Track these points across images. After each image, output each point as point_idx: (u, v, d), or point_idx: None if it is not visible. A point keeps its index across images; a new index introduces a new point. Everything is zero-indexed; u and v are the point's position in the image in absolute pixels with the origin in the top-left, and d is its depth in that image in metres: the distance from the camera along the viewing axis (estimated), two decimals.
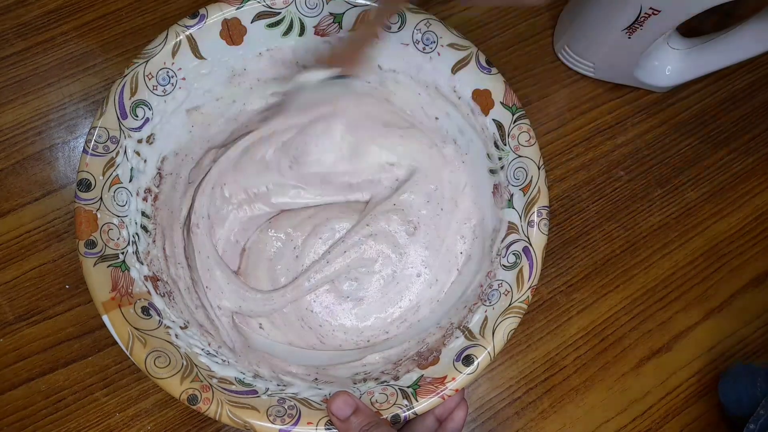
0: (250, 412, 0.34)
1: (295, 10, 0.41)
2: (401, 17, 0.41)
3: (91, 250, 0.36)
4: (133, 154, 0.39)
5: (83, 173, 0.37)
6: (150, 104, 0.40)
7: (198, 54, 0.40)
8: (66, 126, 0.49)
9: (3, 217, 0.47)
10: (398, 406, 0.34)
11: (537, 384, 0.46)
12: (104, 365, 0.44)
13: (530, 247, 0.37)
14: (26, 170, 0.48)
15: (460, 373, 0.35)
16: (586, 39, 0.49)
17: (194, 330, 0.38)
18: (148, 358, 0.34)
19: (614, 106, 0.53)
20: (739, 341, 0.48)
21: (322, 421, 0.33)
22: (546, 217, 0.38)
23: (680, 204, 0.51)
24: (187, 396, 0.33)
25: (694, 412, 0.46)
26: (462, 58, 0.40)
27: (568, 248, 0.49)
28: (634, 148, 0.52)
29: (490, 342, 0.36)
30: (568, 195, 0.50)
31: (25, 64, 0.50)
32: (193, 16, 0.40)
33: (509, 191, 0.40)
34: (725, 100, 0.54)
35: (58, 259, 0.46)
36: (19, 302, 0.45)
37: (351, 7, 0.41)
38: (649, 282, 0.49)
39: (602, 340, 0.47)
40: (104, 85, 0.50)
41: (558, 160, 0.51)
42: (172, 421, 0.43)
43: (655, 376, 0.47)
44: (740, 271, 0.49)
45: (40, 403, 0.43)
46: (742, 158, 0.52)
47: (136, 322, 0.35)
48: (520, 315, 0.36)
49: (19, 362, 0.44)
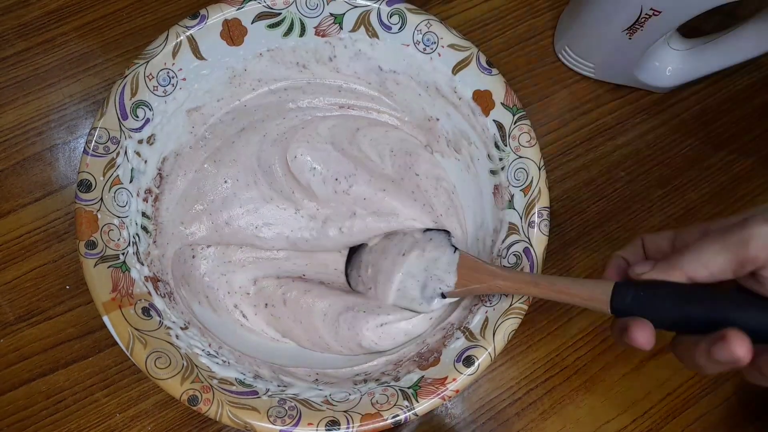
0: (250, 412, 0.34)
1: (296, 11, 0.41)
2: (402, 17, 0.41)
3: (91, 250, 0.36)
4: (133, 154, 0.39)
5: (84, 174, 0.37)
6: (150, 105, 0.40)
7: (198, 54, 0.40)
8: (66, 126, 0.49)
9: (3, 217, 0.47)
10: (399, 407, 0.34)
11: (538, 385, 0.46)
12: (105, 366, 0.44)
13: (531, 247, 0.37)
14: (27, 171, 0.48)
15: (460, 374, 0.35)
16: (586, 40, 0.49)
17: (195, 331, 0.38)
18: (148, 359, 0.34)
19: (615, 107, 0.53)
20: None
21: (323, 422, 0.33)
22: (547, 218, 0.38)
23: (681, 205, 0.51)
24: (188, 397, 0.33)
25: (695, 413, 0.46)
26: (463, 58, 0.40)
27: (568, 249, 0.49)
28: (634, 149, 0.52)
29: (490, 343, 0.36)
30: (569, 195, 0.50)
31: (26, 65, 0.50)
32: (194, 16, 0.40)
33: (510, 192, 0.40)
34: (726, 100, 0.54)
35: (58, 259, 0.46)
36: (20, 303, 0.45)
37: (351, 7, 0.41)
38: None
39: (603, 340, 0.47)
40: (105, 85, 0.50)
41: (558, 161, 0.51)
42: (173, 421, 0.43)
43: (655, 377, 0.46)
44: None
45: (40, 404, 0.43)
46: (743, 159, 0.52)
47: (137, 323, 0.35)
48: (520, 316, 0.36)
49: (20, 363, 0.44)
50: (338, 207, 0.45)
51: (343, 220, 0.45)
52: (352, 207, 0.45)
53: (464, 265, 0.39)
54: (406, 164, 0.46)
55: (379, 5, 0.41)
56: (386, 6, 0.41)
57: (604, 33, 0.47)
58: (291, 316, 0.43)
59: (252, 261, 0.45)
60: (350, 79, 0.45)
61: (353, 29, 0.42)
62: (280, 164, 0.46)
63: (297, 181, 0.45)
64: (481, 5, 0.55)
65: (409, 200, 0.45)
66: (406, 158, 0.46)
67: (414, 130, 0.47)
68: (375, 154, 0.46)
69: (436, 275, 0.41)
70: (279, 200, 0.45)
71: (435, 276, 0.41)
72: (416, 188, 0.45)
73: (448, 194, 0.45)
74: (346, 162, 0.46)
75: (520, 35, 0.54)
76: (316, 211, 0.45)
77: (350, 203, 0.45)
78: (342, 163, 0.46)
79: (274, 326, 0.43)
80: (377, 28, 0.41)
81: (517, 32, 0.54)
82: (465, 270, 0.39)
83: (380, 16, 0.41)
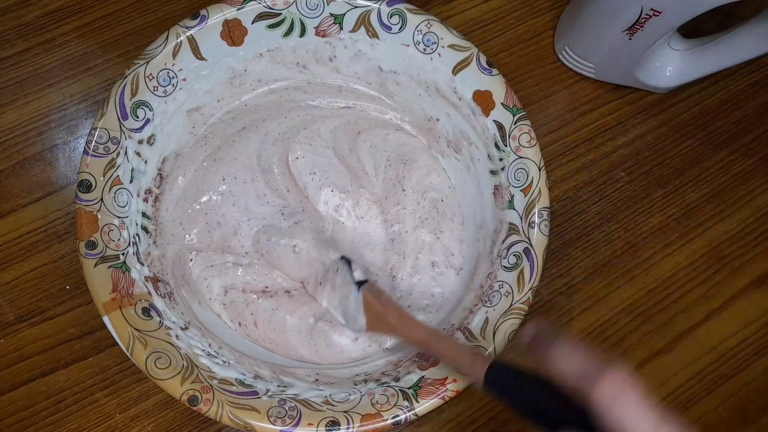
0: (250, 413, 0.34)
1: (296, 11, 0.41)
2: (402, 18, 0.41)
3: (91, 251, 0.36)
4: (133, 154, 0.39)
5: (84, 174, 0.37)
6: (151, 105, 0.40)
7: (199, 55, 0.40)
8: (66, 127, 0.49)
9: (3, 217, 0.47)
10: (399, 407, 0.34)
11: None
12: (105, 366, 0.44)
13: (531, 248, 0.37)
14: (27, 171, 0.48)
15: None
16: (586, 40, 0.49)
17: (195, 331, 0.38)
18: (148, 359, 0.34)
19: (615, 107, 0.53)
20: (739, 342, 0.47)
21: (323, 422, 0.33)
22: (547, 218, 0.38)
23: (681, 205, 0.51)
24: (188, 397, 0.33)
25: (695, 413, 0.46)
26: (463, 59, 0.40)
27: (568, 249, 0.49)
28: (634, 149, 0.52)
29: (490, 343, 0.36)
30: (569, 196, 0.50)
31: (26, 65, 0.50)
32: (194, 16, 0.40)
33: (510, 192, 0.40)
34: (726, 101, 0.54)
35: (58, 259, 0.46)
36: (20, 303, 0.45)
37: (352, 8, 0.41)
38: (649, 283, 0.48)
39: (603, 341, 0.47)
40: (105, 85, 0.50)
41: (559, 161, 0.51)
42: (173, 422, 0.43)
43: (655, 378, 0.46)
44: (741, 273, 0.49)
45: (40, 404, 0.43)
46: (743, 159, 0.52)
47: (137, 323, 0.35)
48: (521, 316, 0.36)
49: (20, 363, 0.44)
50: (317, 222, 0.45)
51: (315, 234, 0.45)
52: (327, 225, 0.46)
53: (368, 308, 0.38)
54: (398, 177, 0.46)
55: (380, 5, 0.41)
56: (386, 6, 0.41)
57: (605, 33, 0.47)
58: (267, 338, 0.42)
59: (222, 266, 0.44)
60: (350, 79, 0.46)
61: (353, 29, 0.42)
62: (280, 163, 0.46)
63: (294, 182, 0.45)
64: (482, 5, 0.55)
65: (381, 227, 0.46)
66: (399, 168, 0.46)
67: (414, 130, 0.47)
68: (371, 166, 0.47)
69: (350, 313, 0.40)
70: (271, 197, 0.45)
71: (350, 313, 0.40)
72: (394, 207, 0.45)
73: (434, 204, 0.45)
74: (344, 173, 0.46)
75: (521, 35, 0.54)
76: (302, 213, 0.45)
77: (330, 220, 0.46)
78: (340, 174, 0.46)
79: (256, 343, 0.42)
80: (377, 29, 0.41)
81: (517, 32, 0.54)
82: (370, 314, 0.38)
83: (380, 17, 0.41)
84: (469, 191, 0.45)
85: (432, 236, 0.45)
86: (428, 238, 0.45)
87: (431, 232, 0.45)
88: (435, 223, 0.45)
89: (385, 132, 0.47)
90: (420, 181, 0.46)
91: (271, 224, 0.44)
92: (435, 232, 0.45)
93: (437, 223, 0.45)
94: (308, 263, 0.43)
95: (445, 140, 0.45)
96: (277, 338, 0.42)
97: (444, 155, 0.46)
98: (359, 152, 0.47)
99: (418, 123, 0.46)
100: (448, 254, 0.45)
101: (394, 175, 0.46)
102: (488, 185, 0.42)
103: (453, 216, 0.45)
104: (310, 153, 0.46)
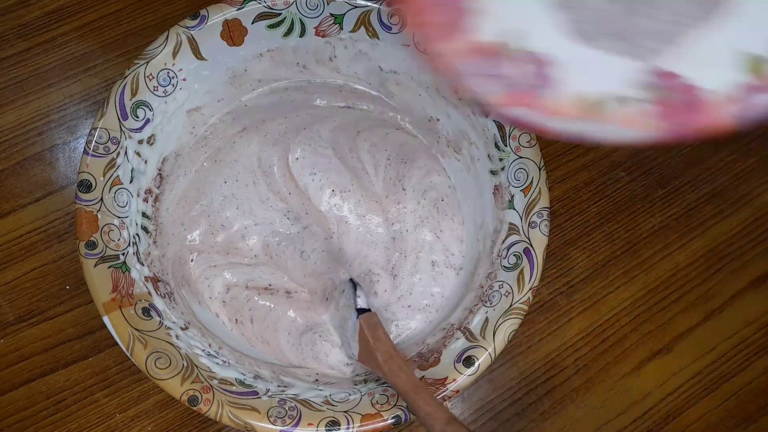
0: (250, 413, 0.34)
1: (296, 11, 0.41)
2: (402, 18, 0.41)
3: (91, 251, 0.36)
4: (133, 154, 0.39)
5: (84, 174, 0.37)
6: (151, 105, 0.40)
7: (199, 55, 0.40)
8: (66, 127, 0.49)
9: (3, 217, 0.47)
10: (399, 407, 0.34)
11: (538, 385, 0.46)
12: (105, 366, 0.44)
13: (531, 248, 0.37)
14: (27, 171, 0.48)
15: (460, 374, 0.35)
16: None
17: (195, 331, 0.38)
18: (148, 359, 0.34)
19: None
20: (739, 342, 0.48)
21: (323, 423, 0.33)
22: (547, 218, 0.38)
23: (681, 205, 0.51)
24: (188, 397, 0.33)
25: (695, 414, 0.46)
26: None
27: (568, 249, 0.49)
28: (635, 149, 0.52)
29: (490, 343, 0.36)
30: (569, 196, 0.50)
31: (26, 65, 0.50)
32: (194, 16, 0.40)
33: (510, 192, 0.40)
34: None
35: (58, 259, 0.46)
36: (20, 303, 0.45)
37: (352, 8, 0.41)
38: (649, 283, 0.48)
39: (603, 341, 0.47)
40: (105, 85, 0.50)
41: (559, 161, 0.51)
42: (173, 422, 0.43)
43: (655, 378, 0.46)
44: (741, 273, 0.49)
45: (40, 404, 0.43)
46: (743, 159, 0.52)
47: (137, 323, 0.35)
48: (521, 316, 0.36)
49: (20, 363, 0.44)
50: (323, 225, 0.45)
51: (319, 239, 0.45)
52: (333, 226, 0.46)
53: (361, 339, 0.37)
54: (398, 176, 0.46)
55: (380, 5, 0.41)
56: (386, 6, 0.41)
57: None
58: (259, 336, 0.42)
59: (227, 266, 0.44)
60: (351, 79, 0.46)
61: (353, 29, 0.42)
62: (281, 165, 0.46)
63: (295, 183, 0.45)
64: None
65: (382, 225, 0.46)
66: (399, 168, 0.46)
67: (414, 130, 0.47)
68: (371, 165, 0.46)
69: (347, 337, 0.39)
70: (274, 200, 0.45)
71: (346, 338, 0.39)
72: (395, 206, 0.46)
73: (434, 203, 0.45)
74: (345, 173, 0.46)
75: None
76: (306, 215, 0.45)
77: (334, 219, 0.46)
78: (341, 174, 0.46)
79: (249, 342, 0.43)
80: (377, 29, 0.41)
81: None
82: (362, 346, 0.37)
83: (380, 17, 0.41)
84: (469, 191, 0.45)
85: (432, 235, 0.45)
86: (429, 237, 0.45)
87: (431, 231, 0.45)
88: (435, 222, 0.45)
89: (385, 131, 0.47)
90: (420, 181, 0.46)
91: (280, 230, 0.45)
92: (435, 231, 0.45)
93: (437, 222, 0.45)
94: (317, 276, 0.43)
95: (445, 140, 0.45)
96: (269, 337, 0.42)
97: (444, 155, 0.46)
98: (359, 151, 0.47)
99: (419, 123, 0.46)
100: (448, 254, 0.45)
101: (394, 174, 0.46)
102: (488, 185, 0.42)
103: (453, 215, 0.45)
104: (311, 153, 0.46)
